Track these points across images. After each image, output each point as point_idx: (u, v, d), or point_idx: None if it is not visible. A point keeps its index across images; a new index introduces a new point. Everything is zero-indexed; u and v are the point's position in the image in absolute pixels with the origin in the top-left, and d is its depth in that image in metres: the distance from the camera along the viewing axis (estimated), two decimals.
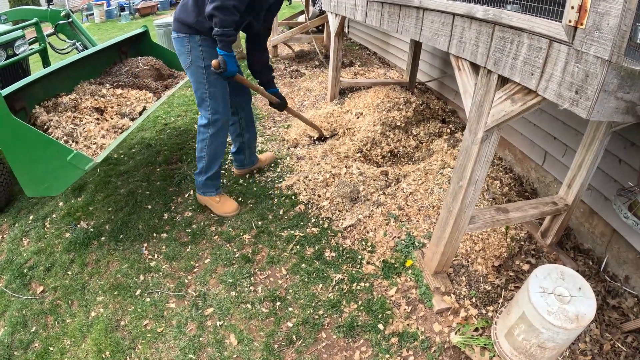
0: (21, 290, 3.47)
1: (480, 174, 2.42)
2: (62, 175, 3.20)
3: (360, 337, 2.84)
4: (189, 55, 3.37)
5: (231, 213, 3.99)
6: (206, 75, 3.40)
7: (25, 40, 5.13)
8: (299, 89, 6.97)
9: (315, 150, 4.88)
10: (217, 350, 2.82)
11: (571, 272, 2.36)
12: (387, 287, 3.15)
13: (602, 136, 2.65)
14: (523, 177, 4.18)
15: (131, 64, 4.97)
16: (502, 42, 1.93)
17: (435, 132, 5.08)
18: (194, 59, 3.37)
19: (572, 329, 2.14)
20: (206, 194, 4.02)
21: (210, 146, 3.71)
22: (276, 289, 3.21)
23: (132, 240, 3.81)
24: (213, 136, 3.66)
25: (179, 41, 3.38)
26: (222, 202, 4.01)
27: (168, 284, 3.35)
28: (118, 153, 5.36)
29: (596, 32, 1.47)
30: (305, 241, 3.62)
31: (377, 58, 8.38)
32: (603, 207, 3.19)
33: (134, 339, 2.97)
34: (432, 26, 2.48)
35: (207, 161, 3.79)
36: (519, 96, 1.95)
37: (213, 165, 3.84)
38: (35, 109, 3.66)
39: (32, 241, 3.99)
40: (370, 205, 3.84)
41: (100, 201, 4.40)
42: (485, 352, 2.62)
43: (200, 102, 3.56)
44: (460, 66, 2.37)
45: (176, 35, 3.37)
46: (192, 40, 3.30)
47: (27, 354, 3.00)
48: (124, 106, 4.10)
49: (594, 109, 1.52)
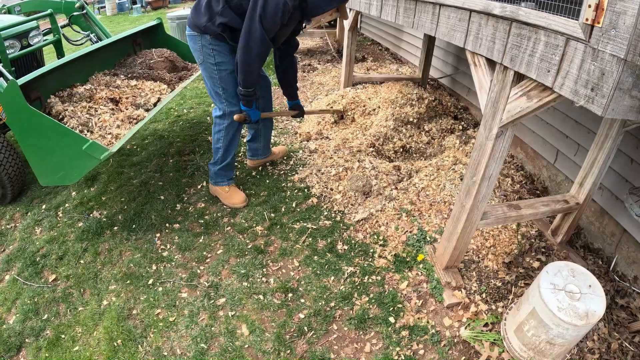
0: (33, 278, 3.51)
1: (494, 170, 2.43)
2: (77, 164, 3.22)
3: (371, 329, 2.86)
4: (201, 52, 3.43)
5: (239, 204, 4.02)
6: (218, 71, 3.47)
7: (40, 31, 5.16)
8: (311, 83, 6.98)
9: (327, 144, 4.90)
10: (229, 340, 2.84)
11: (582, 270, 2.37)
12: (398, 280, 3.17)
13: (615, 135, 2.65)
14: (534, 175, 4.18)
15: (145, 55, 4.99)
16: (518, 39, 1.94)
17: (447, 128, 5.08)
18: (205, 56, 3.44)
19: (581, 326, 2.15)
20: (218, 183, 4.07)
21: (226, 136, 3.77)
22: (288, 281, 3.24)
23: (145, 230, 3.84)
24: (229, 127, 3.72)
25: (192, 38, 3.45)
26: (230, 193, 4.05)
27: (180, 273, 3.38)
28: (131, 144, 5.39)
29: (612, 31, 1.47)
30: (318, 234, 3.65)
31: (390, 54, 8.37)
32: (614, 207, 3.18)
33: (145, 328, 3.00)
34: (449, 22, 2.49)
35: (223, 151, 3.84)
36: (534, 93, 1.96)
37: (227, 156, 3.88)
38: (51, 99, 3.68)
39: (45, 230, 4.02)
40: (382, 200, 3.85)
41: (113, 191, 4.43)
42: (495, 348, 2.64)
43: (215, 95, 3.62)
44: (476, 62, 2.38)
45: (189, 32, 3.44)
46: (204, 39, 3.36)
47: (39, 341, 3.04)
48: (138, 97, 4.13)
49: (609, 106, 1.53)
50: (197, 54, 3.48)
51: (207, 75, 3.56)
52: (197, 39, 3.39)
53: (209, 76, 3.56)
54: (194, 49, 3.49)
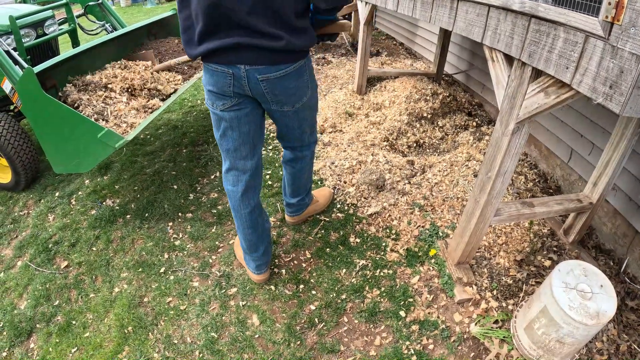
0: (45, 265, 3.55)
1: (509, 166, 2.42)
2: (91, 152, 3.25)
3: (381, 323, 2.86)
4: (308, 83, 2.62)
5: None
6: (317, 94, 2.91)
7: (55, 21, 5.20)
8: (325, 76, 6.97)
9: (341, 137, 4.89)
10: (239, 330, 2.86)
11: (594, 270, 2.36)
12: (409, 275, 3.17)
13: (630, 135, 2.63)
14: (548, 173, 4.16)
15: (160, 45, 5.01)
16: (537, 34, 1.93)
17: (461, 124, 5.07)
18: (312, 82, 2.68)
19: (592, 325, 2.14)
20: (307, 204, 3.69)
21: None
22: (300, 272, 3.25)
23: (157, 219, 3.86)
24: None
25: (297, 72, 2.46)
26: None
27: (192, 263, 3.40)
28: (145, 134, 5.42)
29: (632, 29, 1.46)
30: (330, 226, 3.65)
31: (404, 49, 8.33)
32: (627, 208, 3.16)
33: (156, 316, 3.03)
34: (467, 17, 2.48)
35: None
36: (552, 89, 1.95)
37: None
38: (66, 87, 3.71)
39: (58, 217, 4.06)
40: (395, 194, 3.85)
41: (126, 180, 4.47)
42: (504, 345, 2.63)
43: (314, 125, 3.13)
44: (494, 57, 2.37)
45: (291, 67, 2.43)
46: (309, 62, 2.59)
47: (50, 327, 3.07)
48: (153, 87, 4.15)
49: (627, 104, 1.52)
50: (303, 90, 2.59)
51: (313, 106, 2.86)
52: (304, 68, 2.51)
53: (314, 106, 2.88)
54: (296, 87, 2.51)
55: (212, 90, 2.43)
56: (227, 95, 2.42)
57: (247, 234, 2.92)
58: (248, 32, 2.17)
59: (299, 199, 3.48)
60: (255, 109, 2.56)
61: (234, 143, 2.61)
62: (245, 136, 2.59)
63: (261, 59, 2.27)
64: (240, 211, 2.84)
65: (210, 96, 2.48)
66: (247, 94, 2.43)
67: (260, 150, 2.78)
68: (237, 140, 2.59)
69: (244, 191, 2.76)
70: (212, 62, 2.32)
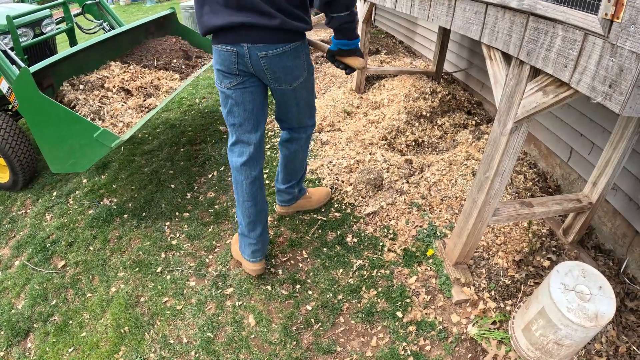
0: (43, 264, 3.55)
1: (507, 166, 2.40)
2: (88, 152, 3.24)
3: (378, 323, 2.85)
4: (304, 65, 2.78)
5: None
6: (313, 78, 3.07)
7: (53, 20, 5.19)
8: (324, 74, 6.96)
9: (339, 135, 4.87)
10: (235, 330, 2.85)
11: (593, 271, 2.35)
12: (407, 275, 3.15)
13: (631, 135, 2.61)
14: (547, 172, 4.14)
15: (158, 44, 4.99)
16: (535, 32, 1.91)
17: (461, 123, 5.05)
18: (308, 66, 2.85)
19: (590, 328, 2.12)
20: (302, 191, 3.79)
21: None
22: (296, 272, 3.23)
23: (155, 218, 3.85)
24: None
25: (293, 52, 2.63)
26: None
27: (189, 262, 3.39)
28: (142, 133, 5.41)
29: (632, 27, 1.44)
30: (327, 226, 3.63)
31: (404, 47, 8.31)
32: (627, 208, 3.14)
33: (153, 316, 3.02)
34: (464, 15, 2.46)
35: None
36: (551, 88, 1.93)
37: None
38: (63, 87, 3.70)
39: (55, 217, 4.05)
40: (393, 193, 3.83)
41: (123, 179, 4.45)
42: (502, 346, 2.62)
43: (313, 108, 3.23)
44: (491, 56, 2.35)
45: (288, 46, 2.62)
46: (305, 47, 2.75)
47: (47, 327, 3.08)
48: (150, 86, 4.13)
49: (626, 104, 1.50)
50: (300, 70, 2.76)
51: (310, 88, 3.04)
52: (300, 49, 2.68)
53: (311, 89, 3.06)
54: (293, 66, 2.69)
55: (221, 69, 2.64)
56: (233, 74, 2.63)
57: (246, 207, 3.01)
58: (252, 12, 2.38)
59: (288, 185, 3.54)
60: (258, 87, 2.76)
61: (239, 118, 2.79)
62: (249, 113, 2.78)
63: (260, 38, 2.48)
64: (242, 182, 2.96)
65: (219, 75, 2.69)
66: (251, 72, 2.63)
67: (264, 126, 2.93)
68: (242, 116, 2.78)
69: (246, 161, 2.89)
70: (220, 43, 2.54)
